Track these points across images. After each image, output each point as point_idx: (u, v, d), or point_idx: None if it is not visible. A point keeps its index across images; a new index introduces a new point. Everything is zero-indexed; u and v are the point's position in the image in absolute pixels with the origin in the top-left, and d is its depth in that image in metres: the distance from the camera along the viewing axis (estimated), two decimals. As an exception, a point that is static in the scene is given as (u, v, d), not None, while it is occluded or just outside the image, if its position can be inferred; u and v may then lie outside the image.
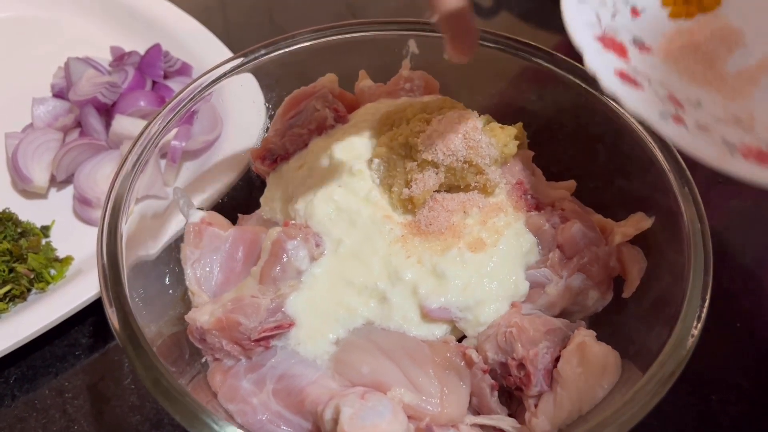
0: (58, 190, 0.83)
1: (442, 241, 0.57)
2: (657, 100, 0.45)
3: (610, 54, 0.47)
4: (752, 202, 0.80)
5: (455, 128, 0.58)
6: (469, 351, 0.53)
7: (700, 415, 0.65)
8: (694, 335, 0.48)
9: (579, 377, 0.51)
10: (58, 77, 0.91)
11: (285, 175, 0.66)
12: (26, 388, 0.68)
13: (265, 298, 0.55)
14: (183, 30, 0.97)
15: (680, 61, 0.50)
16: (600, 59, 0.46)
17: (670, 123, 0.43)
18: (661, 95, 0.46)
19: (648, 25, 0.52)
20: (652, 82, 0.47)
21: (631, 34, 0.50)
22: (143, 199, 0.61)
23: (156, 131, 0.61)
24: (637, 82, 0.46)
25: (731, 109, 0.48)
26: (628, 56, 0.48)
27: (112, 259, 0.53)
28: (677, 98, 0.46)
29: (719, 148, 0.42)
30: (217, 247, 0.61)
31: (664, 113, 0.43)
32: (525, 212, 0.60)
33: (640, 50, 0.50)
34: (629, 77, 0.46)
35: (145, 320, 0.52)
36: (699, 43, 0.51)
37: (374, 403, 0.49)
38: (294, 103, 0.68)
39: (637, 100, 0.44)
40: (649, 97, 0.45)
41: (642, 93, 0.45)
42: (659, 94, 0.46)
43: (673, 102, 0.46)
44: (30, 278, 0.72)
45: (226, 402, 0.53)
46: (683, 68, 0.50)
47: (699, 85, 0.49)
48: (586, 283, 0.57)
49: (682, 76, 0.49)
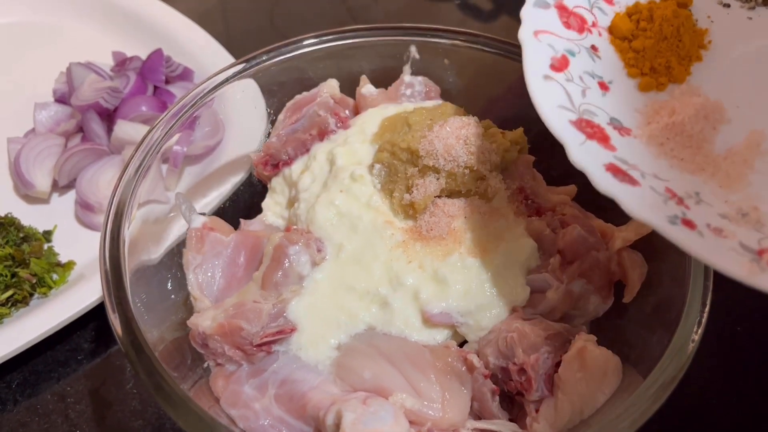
0: (60, 195, 0.83)
1: (443, 246, 0.57)
2: (657, 199, 0.43)
3: (593, 144, 0.46)
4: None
5: (456, 134, 0.58)
6: (471, 356, 0.53)
7: (701, 420, 0.65)
8: (694, 340, 0.48)
9: (580, 382, 0.51)
10: (60, 82, 0.91)
11: (287, 181, 0.66)
12: (28, 393, 0.68)
13: (267, 303, 0.55)
14: (184, 35, 0.97)
15: (666, 144, 0.49)
16: (586, 154, 0.44)
17: (682, 229, 0.41)
18: (658, 190, 0.44)
19: (619, 102, 0.51)
20: (645, 175, 0.45)
21: (607, 115, 0.49)
22: (145, 204, 0.61)
23: (158, 137, 0.61)
24: (631, 178, 0.44)
25: (733, 201, 0.46)
26: (611, 143, 0.47)
27: (114, 265, 0.53)
28: (675, 192, 0.45)
29: (742, 258, 0.40)
30: (219, 252, 0.61)
31: (672, 218, 0.41)
32: (525, 217, 0.60)
33: (620, 133, 0.48)
34: (621, 171, 0.44)
35: (147, 325, 0.53)
36: (683, 124, 0.50)
37: (376, 408, 0.49)
38: (296, 108, 0.68)
39: (638, 203, 0.42)
40: (648, 196, 0.43)
41: (639, 190, 0.43)
42: (656, 189, 0.44)
43: (671, 197, 0.44)
44: (32, 283, 0.72)
45: (229, 407, 0.53)
46: (672, 153, 0.49)
47: (692, 173, 0.48)
48: (586, 288, 0.57)
49: (672, 164, 0.48)
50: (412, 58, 0.72)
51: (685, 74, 0.54)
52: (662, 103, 0.52)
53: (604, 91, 0.51)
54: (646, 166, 0.46)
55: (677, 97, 0.52)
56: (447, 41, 0.71)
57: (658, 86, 0.54)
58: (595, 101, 0.50)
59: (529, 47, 0.50)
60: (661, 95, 0.53)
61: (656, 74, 0.54)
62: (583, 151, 0.44)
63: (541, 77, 0.48)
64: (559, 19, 0.54)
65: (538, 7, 0.53)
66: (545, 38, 0.52)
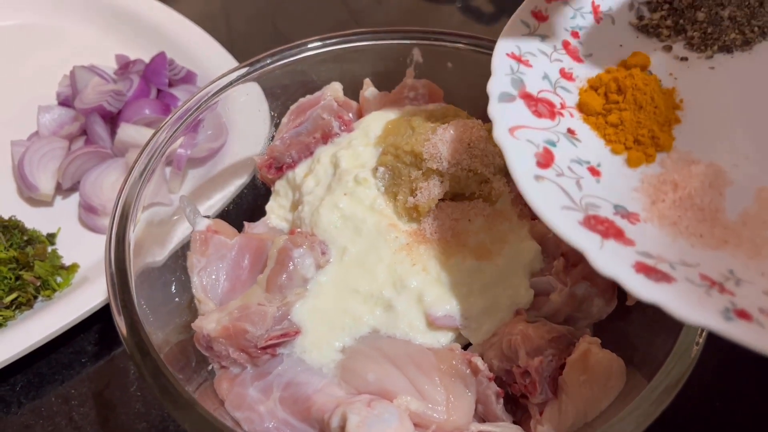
0: (63, 197, 0.84)
1: (447, 249, 0.57)
2: (699, 292, 0.40)
3: (612, 243, 0.42)
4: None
5: (459, 137, 0.59)
6: (475, 358, 0.53)
7: (705, 422, 0.65)
8: (698, 343, 0.48)
9: (584, 385, 0.51)
10: (63, 85, 0.92)
11: (290, 184, 0.66)
12: (32, 396, 0.68)
13: (272, 306, 0.55)
14: (187, 38, 0.98)
15: (680, 223, 0.46)
16: (610, 259, 0.41)
17: (740, 324, 0.38)
18: (695, 281, 0.41)
19: (615, 185, 0.48)
20: (674, 265, 0.42)
21: (610, 204, 0.46)
22: (149, 206, 0.61)
23: (163, 140, 0.61)
24: (664, 274, 0.41)
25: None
26: (626, 237, 0.43)
27: (120, 267, 0.53)
28: (710, 277, 0.42)
29: None
30: (223, 255, 0.61)
31: (725, 313, 0.38)
32: (529, 220, 0.61)
33: (630, 221, 0.45)
34: (651, 269, 0.41)
35: (152, 328, 0.53)
36: (691, 197, 0.47)
37: (381, 410, 0.49)
38: (299, 111, 0.68)
39: (685, 303, 0.38)
40: (689, 291, 0.40)
41: (677, 287, 0.40)
42: (692, 279, 0.41)
43: (711, 285, 0.41)
44: (36, 286, 0.72)
45: (233, 410, 0.53)
46: (688, 232, 0.46)
47: (716, 248, 0.45)
48: (590, 291, 0.57)
49: (693, 243, 0.45)
50: (416, 61, 0.72)
51: (670, 140, 0.52)
52: (659, 177, 0.49)
53: (596, 177, 0.48)
54: (669, 253, 0.43)
55: (672, 168, 0.50)
56: (450, 44, 0.71)
57: (648, 159, 0.51)
58: (593, 191, 0.47)
59: (510, 148, 0.47)
60: (652, 167, 0.50)
61: (642, 146, 0.51)
62: (606, 256, 0.41)
63: (532, 179, 0.45)
64: (528, 109, 0.51)
65: (504, 102, 0.50)
66: (522, 134, 0.48)
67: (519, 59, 0.53)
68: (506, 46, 0.54)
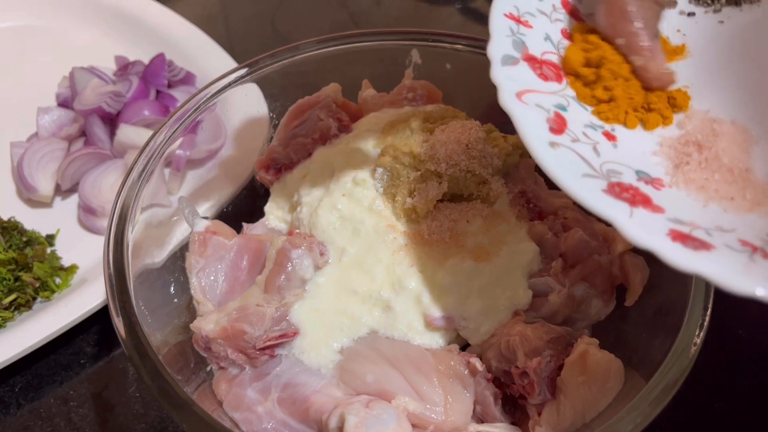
0: (62, 199, 0.84)
1: (445, 250, 0.57)
2: (742, 258, 0.37)
3: (641, 211, 0.39)
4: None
5: (458, 138, 0.59)
6: (473, 359, 0.53)
7: (704, 423, 0.65)
8: (696, 343, 0.48)
9: (582, 385, 0.51)
10: (62, 87, 0.92)
11: (289, 185, 0.66)
12: (31, 397, 0.68)
13: (270, 307, 0.55)
14: (186, 39, 0.98)
15: (709, 186, 0.43)
16: (642, 228, 0.38)
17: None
18: (735, 247, 0.38)
19: (634, 150, 0.45)
20: (710, 231, 0.39)
21: (632, 170, 0.43)
22: (148, 207, 0.61)
23: (162, 141, 0.61)
24: (702, 242, 0.38)
25: None
26: (654, 204, 0.40)
27: (118, 269, 0.53)
28: (751, 242, 0.39)
29: None
30: (221, 256, 0.61)
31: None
32: (527, 221, 0.61)
33: (655, 187, 0.42)
34: (687, 236, 0.38)
35: (151, 329, 0.53)
36: (718, 158, 0.44)
37: (379, 411, 0.49)
38: (298, 112, 0.69)
39: (729, 271, 0.36)
40: (731, 258, 0.37)
41: (717, 254, 0.37)
42: (732, 246, 0.38)
43: (753, 250, 0.38)
44: (35, 287, 0.72)
45: (232, 410, 0.53)
46: (718, 195, 0.43)
47: (750, 211, 0.42)
48: (588, 292, 0.58)
49: (725, 207, 0.42)
50: (414, 62, 0.72)
51: (686, 99, 0.48)
52: (680, 140, 0.46)
53: (613, 142, 0.45)
54: (702, 219, 0.40)
55: (693, 129, 0.47)
56: (448, 45, 0.71)
57: (665, 120, 0.48)
58: (612, 156, 0.43)
59: (519, 114, 0.42)
60: (670, 129, 0.47)
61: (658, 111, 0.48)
62: (638, 225, 0.38)
63: (547, 146, 0.41)
64: (533, 72, 0.47)
65: (507, 65, 0.45)
66: (530, 98, 0.44)
67: (518, 20, 0.49)
68: (503, 6, 0.49)
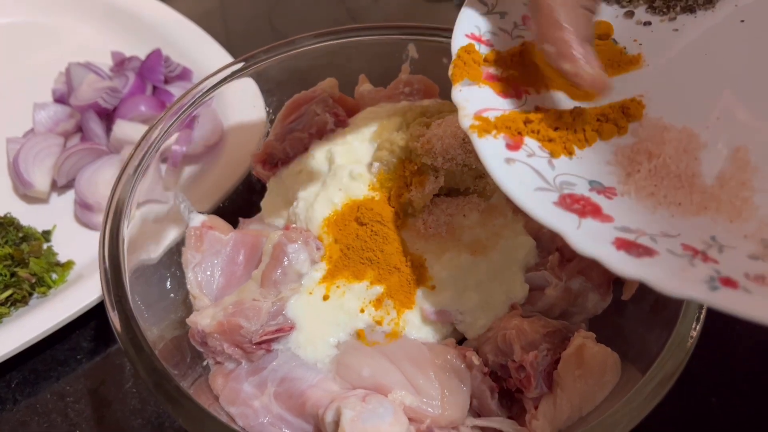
0: (59, 194, 0.83)
1: (442, 244, 0.57)
2: (682, 263, 0.39)
3: (589, 221, 0.40)
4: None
5: (454, 132, 0.58)
6: (469, 353, 0.53)
7: (700, 417, 0.65)
8: (693, 336, 0.48)
9: (579, 379, 0.51)
10: (59, 82, 0.91)
11: (285, 179, 0.66)
12: (28, 392, 0.68)
13: (267, 302, 0.55)
14: (183, 35, 0.98)
15: (658, 193, 0.45)
16: (588, 237, 0.39)
17: (727, 292, 0.37)
18: (677, 252, 0.40)
19: (588, 161, 0.46)
20: (655, 238, 0.40)
21: (585, 181, 0.44)
22: (144, 203, 0.61)
23: (157, 136, 0.61)
24: (646, 248, 0.39)
25: (751, 232, 0.42)
26: (604, 213, 0.42)
27: (114, 263, 0.53)
28: (693, 246, 0.40)
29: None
30: (218, 250, 0.61)
31: (710, 283, 0.37)
32: (524, 215, 0.60)
33: (606, 197, 0.44)
34: (632, 244, 0.39)
35: (147, 324, 0.53)
36: (666, 165, 0.46)
37: (375, 405, 0.49)
38: (294, 107, 0.68)
39: (668, 276, 0.37)
40: (672, 263, 0.39)
41: (660, 260, 0.38)
42: (674, 251, 0.40)
43: (694, 254, 0.40)
44: (31, 282, 0.72)
45: (228, 405, 0.53)
46: (666, 201, 0.44)
47: (696, 215, 0.44)
48: (585, 286, 0.57)
49: (673, 212, 0.44)
50: (411, 57, 0.72)
51: (640, 108, 0.49)
52: (632, 148, 0.47)
53: (568, 157, 0.46)
54: (649, 226, 0.42)
55: (645, 137, 0.48)
56: (445, 40, 0.71)
57: (620, 130, 0.48)
58: (566, 168, 0.45)
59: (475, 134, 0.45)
60: (625, 138, 0.48)
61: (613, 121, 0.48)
62: (584, 235, 0.39)
63: (503, 162, 0.43)
64: (492, 90, 0.48)
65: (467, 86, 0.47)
66: (489, 116, 0.46)
67: (479, 39, 0.51)
68: (465, 27, 0.51)
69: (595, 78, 0.44)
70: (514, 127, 0.46)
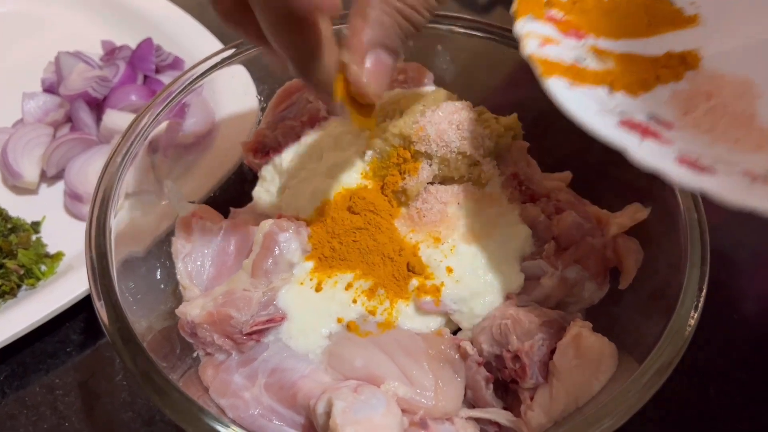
0: (48, 185, 0.82)
1: (436, 233, 0.56)
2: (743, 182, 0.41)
3: (650, 142, 0.43)
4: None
5: (449, 119, 0.57)
6: (464, 343, 0.52)
7: (698, 406, 0.65)
8: (691, 325, 0.47)
9: (575, 369, 0.50)
10: (48, 72, 0.90)
11: (277, 168, 0.65)
12: (16, 386, 0.67)
13: (257, 292, 0.54)
14: (175, 24, 0.96)
15: (716, 129, 0.46)
16: (649, 153, 0.41)
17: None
18: (737, 174, 0.42)
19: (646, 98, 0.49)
20: (715, 162, 0.42)
21: (644, 112, 0.47)
22: (135, 194, 0.60)
23: (145, 124, 0.60)
24: (707, 167, 0.41)
25: None
26: (664, 138, 0.44)
27: (100, 252, 0.52)
28: (753, 172, 0.42)
29: None
30: (208, 240, 0.60)
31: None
32: (520, 204, 0.60)
33: (665, 127, 0.46)
34: (693, 162, 0.41)
35: (136, 316, 0.52)
36: (725, 105, 0.47)
37: (367, 396, 0.48)
38: (286, 95, 0.67)
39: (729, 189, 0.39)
40: (732, 181, 0.40)
41: (721, 178, 0.40)
42: (734, 173, 0.42)
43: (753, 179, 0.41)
44: (20, 274, 0.71)
45: (218, 397, 0.52)
46: (725, 137, 0.46)
47: (754, 152, 0.45)
48: (581, 275, 0.57)
49: (731, 147, 0.45)
50: (405, 44, 0.70)
51: (697, 59, 0.52)
52: (689, 92, 0.50)
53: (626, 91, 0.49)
54: (708, 154, 0.44)
55: (703, 83, 0.50)
56: (442, 27, 0.69)
57: (677, 76, 0.51)
58: (624, 102, 0.47)
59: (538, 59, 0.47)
60: (681, 84, 0.51)
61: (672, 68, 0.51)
62: (645, 151, 0.42)
63: (565, 87, 0.46)
64: (554, 27, 0.51)
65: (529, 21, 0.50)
66: (551, 49, 0.48)
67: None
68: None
69: (361, 84, 0.44)
70: (573, 63, 0.48)
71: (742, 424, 0.64)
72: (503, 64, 0.70)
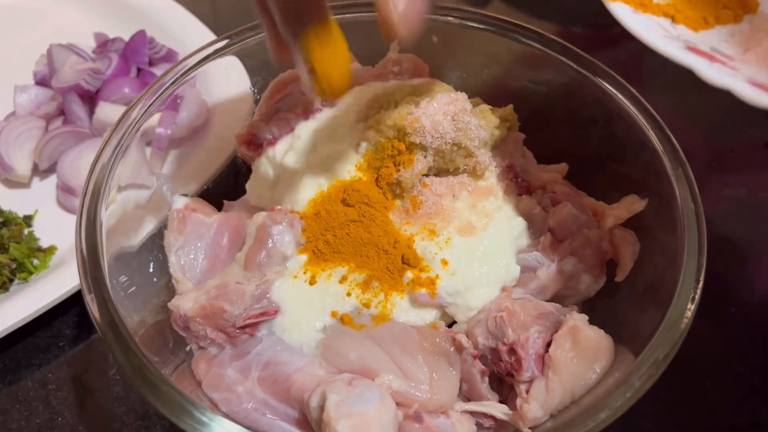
0: (41, 179, 0.82)
1: (431, 225, 0.56)
2: None
3: (719, 66, 0.47)
4: (746, 190, 0.80)
5: (444, 110, 0.57)
6: (459, 336, 0.52)
7: (695, 399, 0.64)
8: (687, 317, 0.47)
9: (571, 362, 0.50)
10: (40, 64, 0.89)
11: (271, 161, 0.64)
12: (9, 380, 0.67)
13: (251, 285, 0.53)
14: (169, 16, 0.95)
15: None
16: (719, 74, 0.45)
17: None
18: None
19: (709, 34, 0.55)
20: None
21: (707, 45, 0.51)
22: (129, 187, 0.59)
23: (137, 116, 0.59)
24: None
25: None
26: (730, 66, 0.48)
27: (90, 246, 0.51)
28: None
29: None
30: (201, 233, 0.59)
31: None
32: (516, 195, 0.59)
33: (728, 58, 0.50)
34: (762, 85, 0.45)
35: (128, 310, 0.51)
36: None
37: (362, 389, 0.47)
38: (280, 86, 0.67)
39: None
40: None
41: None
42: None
43: None
44: (12, 268, 0.70)
45: (211, 391, 0.51)
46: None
47: None
48: (578, 267, 0.56)
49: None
50: (400, 35, 0.70)
51: (756, 4, 0.58)
52: (750, 30, 0.55)
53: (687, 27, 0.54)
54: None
55: (762, 24, 0.55)
56: (437, 18, 0.69)
57: (736, 18, 0.57)
58: (686, 34, 0.52)
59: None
60: (740, 26, 0.57)
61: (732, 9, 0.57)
62: (715, 71, 0.45)
63: (631, 12, 0.51)
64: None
65: None
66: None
67: None
68: None
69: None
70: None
71: (741, 418, 0.64)
72: (499, 55, 0.69)
